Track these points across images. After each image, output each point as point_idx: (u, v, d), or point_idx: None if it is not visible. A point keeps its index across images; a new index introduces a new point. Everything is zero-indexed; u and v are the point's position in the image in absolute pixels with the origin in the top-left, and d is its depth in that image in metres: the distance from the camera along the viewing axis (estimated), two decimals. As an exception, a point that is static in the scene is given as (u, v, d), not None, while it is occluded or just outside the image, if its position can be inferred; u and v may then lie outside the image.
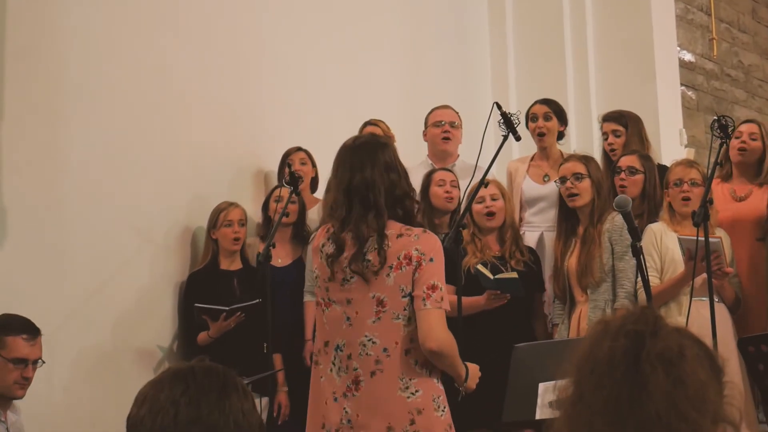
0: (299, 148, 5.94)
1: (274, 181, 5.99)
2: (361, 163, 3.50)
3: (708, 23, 9.71)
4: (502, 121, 4.73)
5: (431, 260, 3.44)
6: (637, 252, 3.89)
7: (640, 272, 3.97)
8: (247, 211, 5.63)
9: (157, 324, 5.46)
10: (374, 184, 3.47)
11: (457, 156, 6.05)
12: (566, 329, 5.01)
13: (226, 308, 5.13)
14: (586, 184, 5.05)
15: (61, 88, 5.14)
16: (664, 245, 4.91)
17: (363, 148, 3.56)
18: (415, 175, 5.53)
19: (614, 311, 4.73)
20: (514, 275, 4.82)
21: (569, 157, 5.33)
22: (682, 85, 8.73)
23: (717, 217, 4.99)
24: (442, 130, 5.99)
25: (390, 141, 3.68)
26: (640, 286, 4.23)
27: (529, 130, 6.01)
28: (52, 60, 5.11)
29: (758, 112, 10.45)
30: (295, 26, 6.54)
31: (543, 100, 6.10)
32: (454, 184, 5.42)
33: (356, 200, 3.49)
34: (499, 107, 4.75)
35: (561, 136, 6.09)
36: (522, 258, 5.12)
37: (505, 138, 4.75)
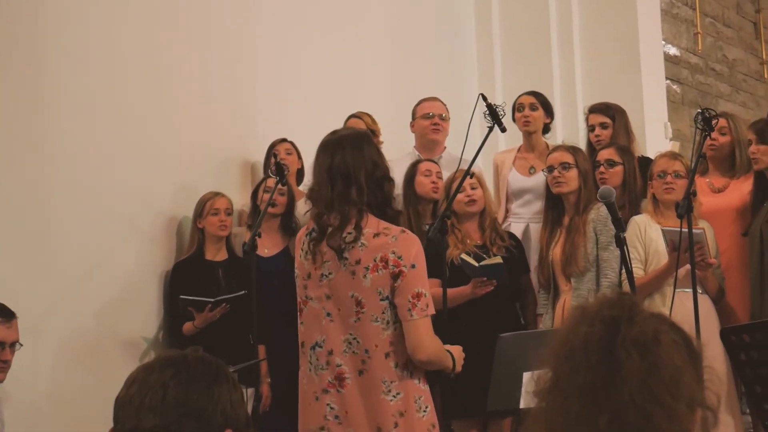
0: (284, 139, 5.94)
1: (261, 171, 5.99)
2: (342, 148, 3.49)
3: (693, 18, 9.77)
4: (487, 112, 4.75)
5: (413, 267, 3.41)
6: (621, 243, 3.91)
7: (624, 263, 3.98)
8: (233, 201, 5.63)
9: (143, 313, 5.46)
10: (355, 163, 3.45)
11: (444, 148, 6.07)
12: (550, 319, 5.04)
13: (211, 300, 5.14)
14: (573, 173, 5.08)
15: (46, 78, 5.12)
16: (648, 237, 4.94)
17: (344, 136, 3.57)
18: (401, 166, 5.59)
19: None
20: (498, 260, 4.84)
21: (557, 147, 5.36)
22: (667, 78, 8.77)
23: (700, 209, 5.02)
24: (431, 122, 6.00)
25: (370, 134, 3.67)
26: (624, 277, 4.24)
27: (515, 120, 6.04)
28: (36, 50, 5.10)
29: (742, 106, 10.52)
30: (283, 19, 6.54)
31: (530, 92, 6.13)
32: (439, 176, 5.45)
33: (338, 179, 3.46)
34: (484, 99, 4.76)
35: (547, 129, 6.12)
36: (503, 244, 5.14)
37: (490, 129, 4.77)
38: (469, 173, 4.79)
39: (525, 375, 3.74)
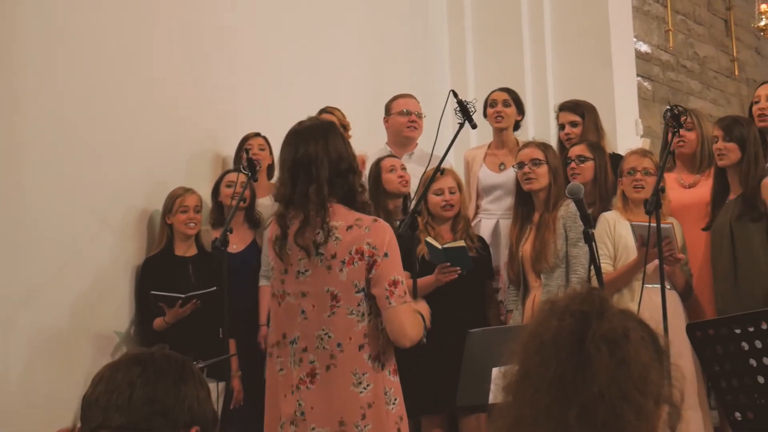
0: (258, 134, 5.93)
1: (232, 166, 5.97)
2: (306, 140, 3.48)
3: (664, 15, 9.82)
4: (458, 108, 4.77)
5: (386, 255, 3.43)
6: (590, 239, 3.94)
7: (593, 259, 4.01)
8: (204, 196, 5.63)
9: (114, 307, 5.44)
10: (317, 156, 3.44)
11: (416, 144, 6.10)
12: (520, 315, 5.06)
13: (181, 296, 5.14)
14: (543, 170, 5.10)
15: (18, 71, 5.09)
16: (617, 233, 4.98)
17: (309, 127, 3.56)
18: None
19: (565, 294, 4.77)
20: (461, 243, 4.87)
21: (528, 144, 5.39)
22: (638, 75, 8.81)
23: (669, 205, 5.07)
24: (408, 120, 6.02)
25: (336, 124, 3.65)
26: (593, 273, 4.27)
27: (486, 116, 6.06)
28: (8, 43, 5.07)
29: (713, 103, 10.58)
30: (255, 12, 6.53)
31: (503, 88, 6.15)
32: (404, 168, 5.47)
33: (300, 175, 3.46)
34: (455, 95, 4.78)
35: (518, 125, 6.14)
36: (473, 245, 5.17)
37: (461, 125, 4.79)
38: (439, 170, 4.81)
39: (494, 370, 3.76)
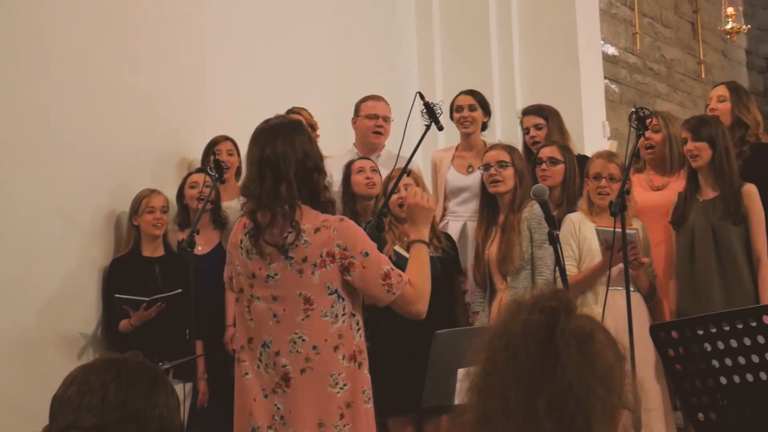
0: (227, 138, 5.92)
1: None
2: (273, 138, 3.47)
3: (631, 18, 9.88)
4: (424, 110, 4.77)
5: (366, 254, 3.44)
6: (554, 240, 3.95)
7: (557, 260, 4.03)
8: (171, 198, 5.63)
9: (82, 309, 5.42)
10: (285, 154, 3.44)
11: (384, 146, 6.10)
12: (486, 316, 5.07)
13: (146, 299, 5.12)
14: (509, 171, 5.12)
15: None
16: (582, 235, 5.00)
17: (276, 126, 3.55)
18: (340, 163, 5.61)
19: (531, 296, 4.79)
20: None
21: (494, 146, 5.41)
22: (605, 78, 8.85)
23: (635, 207, 5.09)
24: (375, 124, 6.02)
25: (303, 123, 3.65)
26: (558, 274, 4.29)
27: (453, 120, 6.08)
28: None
29: (680, 105, 10.65)
30: (221, 14, 6.52)
31: (468, 91, 6.17)
32: (373, 170, 5.49)
33: (268, 172, 3.45)
34: (421, 97, 4.78)
35: (485, 126, 6.17)
36: (439, 244, 5.17)
37: (427, 128, 4.79)
38: (406, 171, 4.81)
39: (460, 371, 3.77)
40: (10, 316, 5.08)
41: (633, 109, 4.92)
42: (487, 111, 6.14)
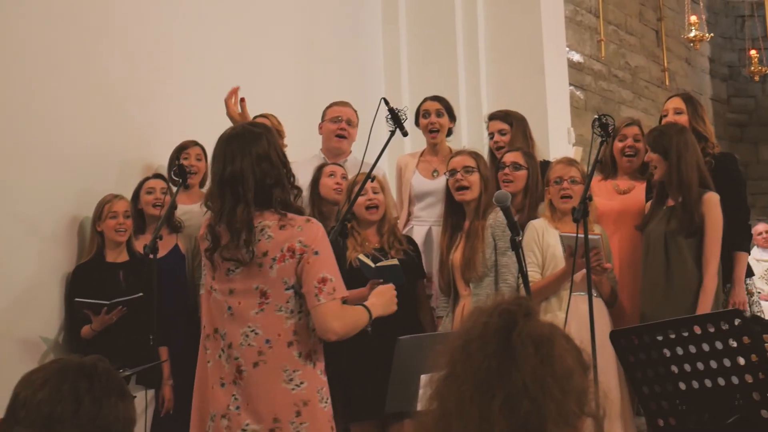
0: (196, 143, 5.90)
1: (165, 173, 5.93)
2: (233, 155, 3.49)
3: (596, 25, 9.96)
4: (389, 116, 4.79)
5: (316, 253, 3.45)
6: (516, 246, 3.98)
7: (519, 266, 4.05)
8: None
9: (44, 315, 5.38)
10: (243, 175, 3.47)
11: (350, 152, 6.10)
12: (450, 322, 5.08)
13: (106, 302, 5.09)
14: (475, 177, 5.13)
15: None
16: (545, 241, 5.02)
17: (236, 139, 3.55)
18: (308, 168, 5.61)
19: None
20: (395, 261, 4.86)
21: (459, 152, 5.42)
22: (570, 84, 8.92)
23: (596, 213, 5.12)
24: (338, 127, 6.02)
25: (266, 131, 3.67)
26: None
27: (419, 126, 6.09)
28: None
29: (644, 112, 10.75)
30: (188, 18, 6.50)
31: (434, 97, 6.18)
32: (344, 177, 5.50)
33: (228, 192, 3.49)
34: (386, 103, 4.80)
35: (450, 132, 6.18)
36: (401, 247, 5.18)
37: (392, 133, 4.81)
38: (370, 177, 4.82)
39: (423, 377, 3.78)
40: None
41: (596, 116, 4.95)
42: (452, 116, 6.15)
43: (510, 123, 5.87)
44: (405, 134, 4.90)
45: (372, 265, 4.80)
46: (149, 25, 6.22)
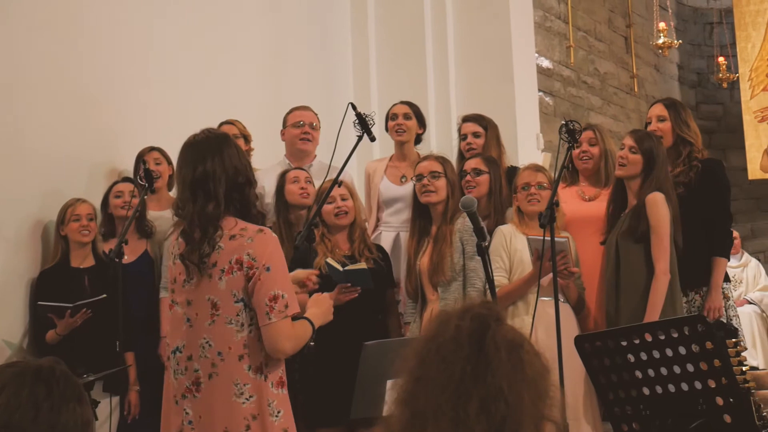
0: (153, 148, 5.86)
1: (132, 177, 5.90)
2: (203, 156, 3.49)
3: (566, 31, 10.00)
4: (356, 121, 4.78)
5: (268, 269, 3.42)
6: (482, 251, 3.98)
7: (485, 271, 4.04)
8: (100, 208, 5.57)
9: (8, 320, 5.33)
10: (215, 173, 3.46)
11: (315, 156, 6.09)
12: (418, 328, 5.08)
13: (70, 305, 5.05)
14: (442, 182, 5.14)
15: None
16: (513, 247, 5.03)
17: (203, 142, 3.55)
18: (271, 175, 5.59)
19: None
20: (363, 265, 4.85)
21: (426, 156, 5.43)
22: (539, 90, 8.95)
23: (563, 219, 5.13)
24: (301, 131, 6.00)
25: (231, 135, 3.66)
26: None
27: (387, 130, 6.09)
28: None
29: (613, 118, 10.81)
30: (155, 23, 6.47)
31: (404, 102, 6.19)
32: (308, 180, 5.49)
33: (200, 192, 3.47)
34: (353, 108, 4.80)
35: (419, 139, 6.18)
36: (371, 255, 5.17)
37: (359, 138, 4.80)
38: (337, 182, 4.81)
39: (389, 382, 3.77)
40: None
41: (563, 122, 4.97)
42: (422, 123, 6.15)
43: (484, 127, 5.88)
44: (372, 139, 4.90)
45: (340, 269, 4.79)
46: (119, 31, 6.19)
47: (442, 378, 1.83)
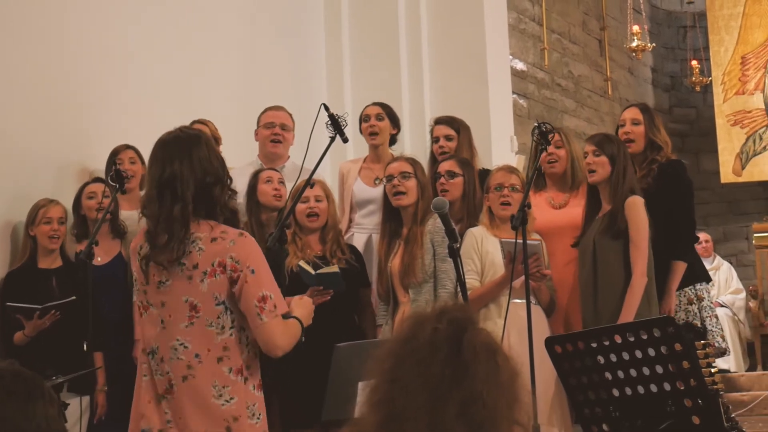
0: (128, 146, 5.84)
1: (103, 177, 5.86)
2: (171, 157, 3.45)
3: (540, 33, 10.02)
4: (329, 122, 4.77)
5: (253, 272, 3.40)
6: (454, 253, 3.98)
7: (457, 273, 4.04)
8: (70, 209, 5.52)
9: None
10: (183, 175, 3.42)
11: (288, 158, 6.07)
12: (390, 330, 5.07)
13: (38, 307, 5.01)
14: (412, 183, 5.14)
15: None
16: (484, 249, 5.03)
17: (174, 142, 3.51)
18: (244, 175, 5.56)
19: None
20: (335, 269, 4.84)
21: (397, 158, 5.44)
22: (513, 93, 8.95)
23: (534, 222, 5.12)
24: (272, 132, 5.98)
25: (204, 134, 3.63)
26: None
27: (361, 131, 6.08)
28: None
29: (587, 121, 10.83)
30: (126, 21, 6.44)
31: (376, 103, 6.18)
32: (281, 181, 5.47)
33: (167, 194, 3.43)
34: (326, 108, 4.78)
35: (393, 140, 6.17)
36: (344, 256, 5.17)
37: (332, 139, 4.79)
38: (309, 183, 4.80)
39: (360, 384, 3.77)
40: None
41: (536, 124, 4.98)
42: (395, 123, 6.15)
43: (457, 129, 5.87)
44: (345, 140, 4.88)
45: (312, 272, 4.78)
46: (86, 30, 6.15)
47: (420, 381, 1.83)
